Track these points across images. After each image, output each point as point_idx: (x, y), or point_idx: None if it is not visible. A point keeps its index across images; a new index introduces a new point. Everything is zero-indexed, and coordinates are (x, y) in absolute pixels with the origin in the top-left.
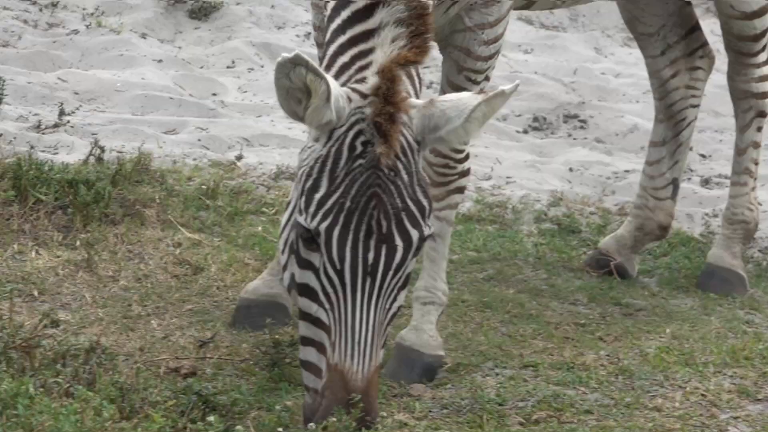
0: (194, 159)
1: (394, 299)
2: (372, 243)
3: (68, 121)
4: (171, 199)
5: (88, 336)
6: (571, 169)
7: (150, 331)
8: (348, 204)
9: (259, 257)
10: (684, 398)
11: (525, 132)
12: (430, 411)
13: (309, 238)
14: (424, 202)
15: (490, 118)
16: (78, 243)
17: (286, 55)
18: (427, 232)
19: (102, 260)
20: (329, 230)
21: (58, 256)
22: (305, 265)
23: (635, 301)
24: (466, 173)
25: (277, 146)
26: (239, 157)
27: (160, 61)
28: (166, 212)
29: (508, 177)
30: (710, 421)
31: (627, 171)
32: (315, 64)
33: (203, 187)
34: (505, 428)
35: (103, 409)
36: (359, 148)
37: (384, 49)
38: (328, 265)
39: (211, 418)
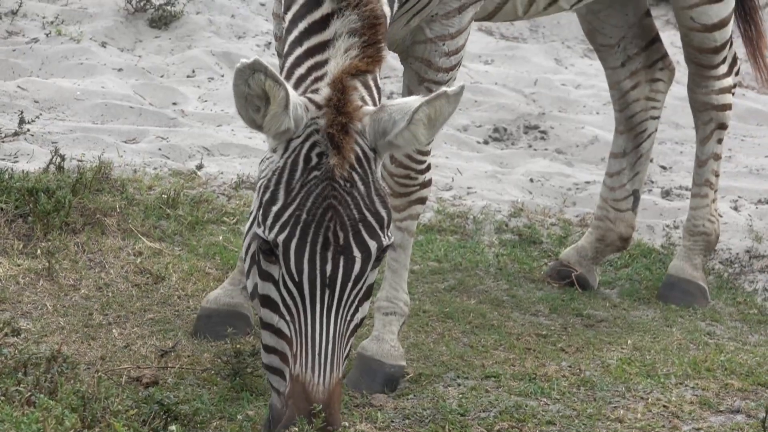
0: (155, 168)
1: (356, 310)
2: (329, 255)
3: (28, 130)
4: (131, 208)
5: (50, 345)
6: (531, 180)
7: (111, 340)
8: (304, 216)
9: (220, 266)
10: (646, 409)
11: (486, 143)
12: (392, 421)
13: (268, 249)
14: (383, 213)
15: (440, 121)
16: (39, 252)
17: (245, 60)
18: (386, 242)
19: (63, 269)
20: (287, 242)
21: (19, 265)
22: (266, 276)
23: (596, 312)
24: (427, 184)
25: (238, 155)
26: (200, 167)
27: (120, 69)
28: (127, 221)
29: (469, 187)
30: None
31: (588, 182)
32: (274, 70)
33: (164, 196)
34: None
35: (64, 418)
36: (314, 160)
37: (337, 60)
38: (287, 277)
39: (172, 428)
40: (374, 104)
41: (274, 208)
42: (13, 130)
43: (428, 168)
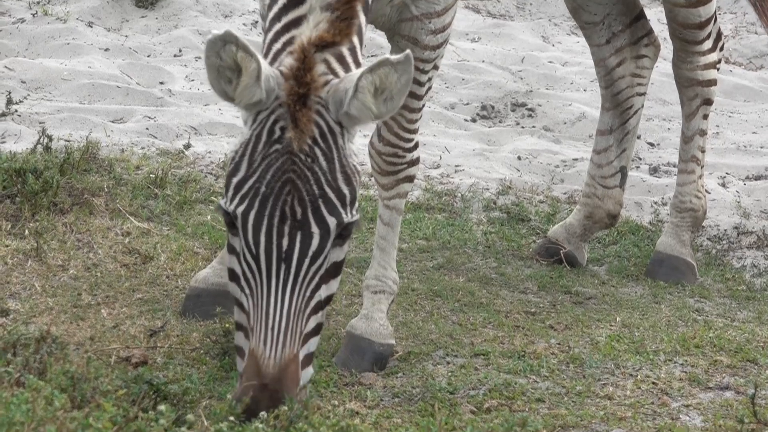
0: (142, 148)
1: (317, 287)
2: (286, 229)
3: (15, 110)
4: (119, 188)
5: (38, 325)
6: (519, 158)
7: (100, 321)
8: (263, 189)
9: (209, 246)
10: (635, 386)
11: (473, 121)
12: (381, 400)
13: (229, 221)
14: (345, 190)
15: (391, 90)
16: (27, 232)
17: (216, 32)
18: (347, 219)
19: (51, 249)
20: (245, 214)
21: (7, 246)
22: (230, 249)
23: (585, 290)
24: (415, 162)
25: (225, 135)
26: (187, 146)
27: (106, 49)
28: (115, 201)
29: (456, 165)
30: (661, 409)
31: (575, 159)
32: (246, 42)
33: (151, 176)
34: (456, 417)
35: (54, 399)
36: (277, 133)
37: (305, 32)
38: (245, 250)
39: (162, 408)
40: None
41: (235, 180)
42: (0, 111)
43: (416, 146)
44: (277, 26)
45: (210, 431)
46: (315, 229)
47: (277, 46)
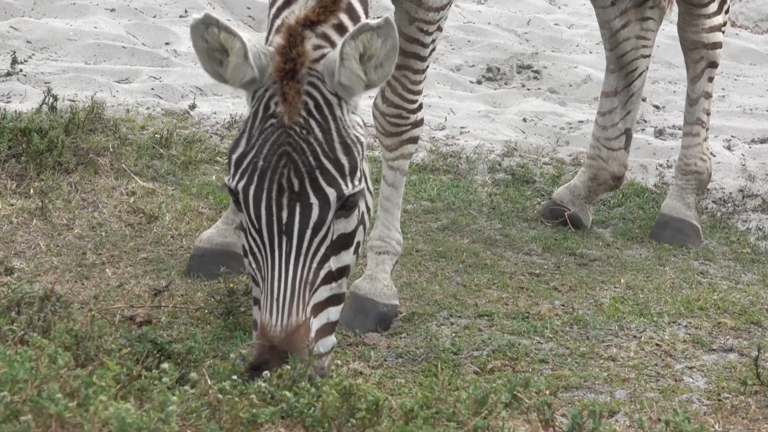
0: (147, 108)
1: (324, 259)
2: (285, 201)
3: (21, 70)
4: (124, 148)
5: (43, 284)
6: (524, 120)
7: (104, 280)
8: (261, 163)
9: (213, 206)
10: (639, 348)
11: (479, 82)
12: (385, 360)
13: (235, 199)
14: (344, 160)
15: (377, 56)
16: (32, 191)
17: (196, 16)
18: (347, 190)
19: (56, 209)
20: (245, 190)
21: (12, 205)
22: (240, 225)
23: (590, 251)
24: (419, 123)
25: (231, 95)
26: (192, 107)
27: (112, 10)
28: (120, 161)
29: (462, 127)
30: (665, 371)
31: (581, 121)
32: (226, 23)
33: (157, 136)
34: (460, 377)
35: (57, 357)
36: (272, 108)
37: (296, 11)
38: (249, 225)
39: (165, 366)
40: None
41: (235, 156)
42: (5, 71)
43: (420, 107)
44: (279, 2)
45: (213, 390)
46: (314, 200)
47: (278, 22)
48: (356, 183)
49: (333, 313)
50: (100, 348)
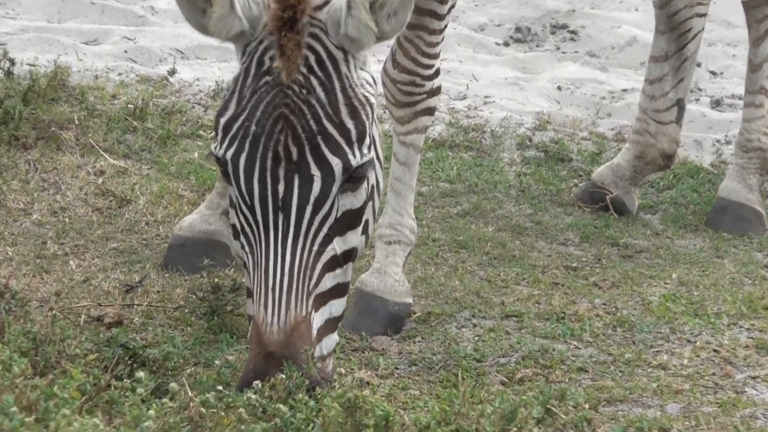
0: (119, 74)
1: (326, 240)
2: (281, 172)
3: None
4: (92, 120)
5: None
6: (559, 88)
7: (68, 274)
8: (253, 128)
9: (195, 188)
10: (693, 354)
11: (506, 44)
12: (396, 368)
13: (223, 169)
14: (350, 125)
15: (389, 5)
16: None
17: None
18: (354, 161)
19: (12, 191)
20: (235, 159)
21: None
22: (230, 201)
23: (635, 242)
24: (435, 92)
25: (216, 59)
26: (172, 72)
27: None
28: (87, 135)
29: (486, 96)
30: (724, 381)
31: (624, 90)
32: None
33: (130, 106)
34: (484, 388)
35: (12, 364)
36: (267, 64)
37: None
38: (239, 200)
39: (139, 375)
40: None
41: (223, 120)
42: None
43: (437, 73)
44: None
45: (195, 403)
46: (315, 172)
47: None
48: (365, 151)
49: (336, 306)
50: (62, 353)
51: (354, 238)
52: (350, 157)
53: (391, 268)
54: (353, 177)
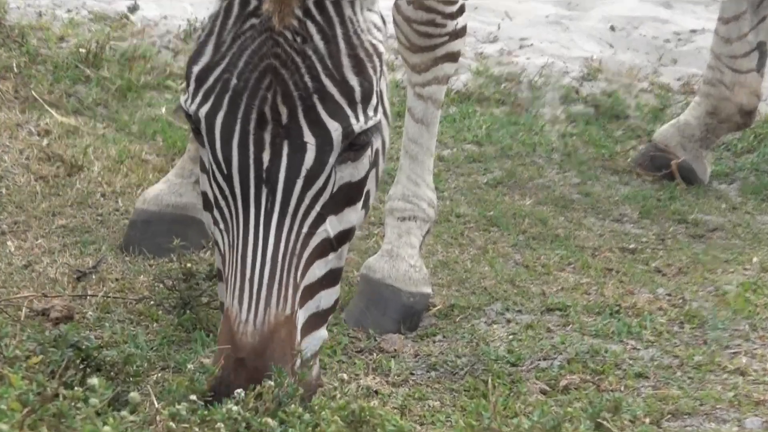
0: (68, 11)
1: (318, 220)
2: (267, 137)
3: None
4: (35, 68)
5: None
6: (612, 28)
7: (5, 257)
8: (234, 81)
9: (162, 151)
10: None
11: None
12: (411, 374)
13: (194, 127)
14: (354, 81)
15: None
16: None
17: None
18: (358, 125)
19: None
20: (210, 118)
21: None
22: (201, 166)
23: (707, 218)
24: (459, 33)
25: None
26: (133, 8)
27: None
28: (28, 87)
29: (522, 39)
30: None
31: (693, 31)
32: None
33: (81, 50)
34: (519, 398)
35: None
36: (253, 3)
37: None
38: (215, 168)
39: (93, 381)
40: None
41: (196, 69)
42: None
43: (461, 11)
44: None
45: (163, 416)
46: (309, 138)
47: None
48: (370, 114)
49: (326, 297)
50: None
51: (352, 216)
52: (352, 120)
53: (406, 251)
54: (355, 145)
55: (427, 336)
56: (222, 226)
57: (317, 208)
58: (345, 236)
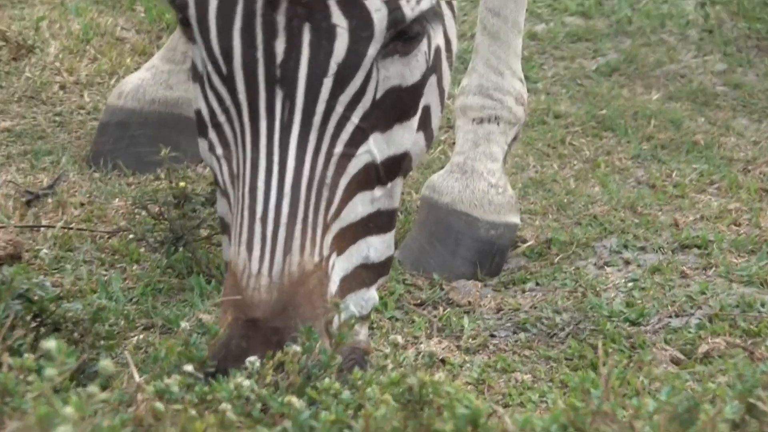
0: None
1: (356, 137)
2: (281, 21)
3: None
4: None
5: None
6: None
7: None
8: None
9: (144, 26)
10: None
11: None
12: (492, 335)
13: (182, 18)
14: None
15: None
16: None
17: None
18: (408, 5)
19: None
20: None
21: None
22: (193, 72)
23: None
24: None
25: None
26: None
27: None
28: None
29: None
30: None
31: None
32: None
33: None
34: (642, 370)
35: None
36: None
37: None
38: (210, 69)
39: (50, 345)
40: None
41: None
42: None
43: None
44: None
45: (146, 393)
46: (339, 20)
47: None
48: None
49: (376, 246)
50: None
51: (405, 137)
52: (402, 1)
53: (484, 164)
54: (405, 34)
55: (514, 283)
56: (221, 151)
57: (354, 119)
58: (396, 165)
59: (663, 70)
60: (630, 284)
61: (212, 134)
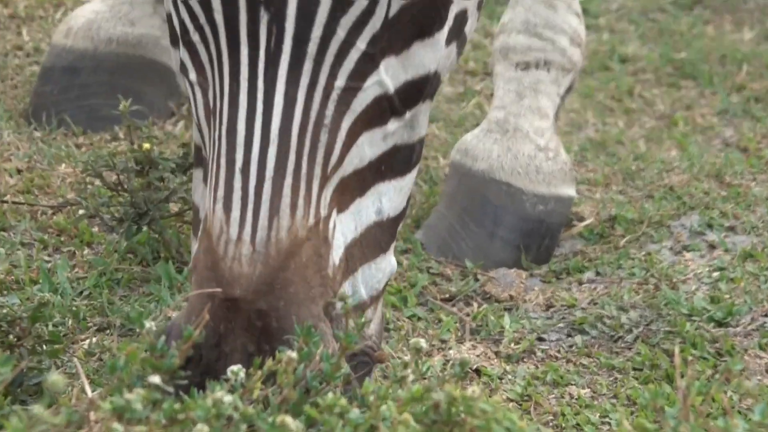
0: None
1: (362, 66)
2: None
3: None
4: None
5: None
6: None
7: None
8: None
9: None
10: None
11: None
12: (540, 339)
13: None
14: None
15: None
16: None
17: None
18: None
19: None
20: None
21: None
22: None
23: None
24: None
25: None
26: None
27: None
28: None
29: None
30: None
31: None
32: None
33: None
34: (729, 382)
35: None
36: None
37: None
38: None
39: None
40: None
41: None
42: None
43: None
44: None
45: (100, 411)
46: None
47: None
48: None
49: (389, 195)
50: None
51: (426, 55)
52: None
53: (530, 121)
54: None
55: (568, 273)
56: (194, 76)
57: (360, 45)
58: (415, 91)
59: (758, 2)
60: (715, 274)
61: (184, 53)
